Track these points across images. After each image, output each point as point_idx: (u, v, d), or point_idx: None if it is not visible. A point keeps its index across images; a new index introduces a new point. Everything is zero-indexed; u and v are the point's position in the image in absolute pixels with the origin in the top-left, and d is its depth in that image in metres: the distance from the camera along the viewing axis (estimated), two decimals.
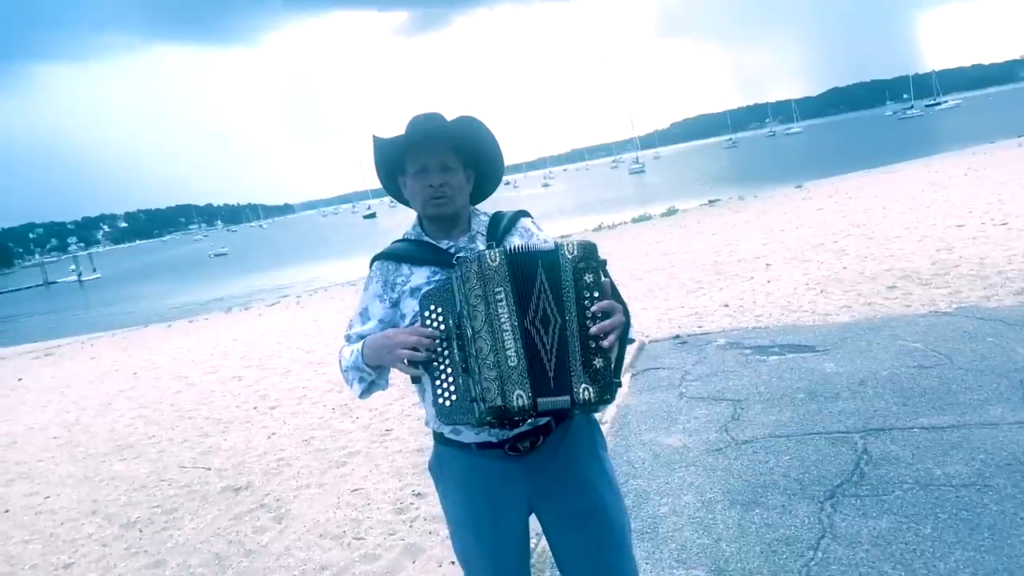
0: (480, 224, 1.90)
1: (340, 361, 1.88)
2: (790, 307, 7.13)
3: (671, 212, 23.88)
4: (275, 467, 5.26)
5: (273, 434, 6.12)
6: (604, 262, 1.64)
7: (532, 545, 2.55)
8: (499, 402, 1.55)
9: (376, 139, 1.83)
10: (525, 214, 1.97)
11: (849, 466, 3.35)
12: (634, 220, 23.71)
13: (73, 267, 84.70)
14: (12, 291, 79.59)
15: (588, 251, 1.62)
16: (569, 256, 1.61)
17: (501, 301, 1.58)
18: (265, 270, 40.56)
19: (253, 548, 3.98)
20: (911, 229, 10.59)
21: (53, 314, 40.42)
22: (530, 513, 1.85)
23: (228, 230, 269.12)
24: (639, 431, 4.31)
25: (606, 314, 1.59)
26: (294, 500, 4.57)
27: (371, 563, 3.58)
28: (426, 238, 1.87)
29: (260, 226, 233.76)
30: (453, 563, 3.42)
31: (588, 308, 1.59)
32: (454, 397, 1.64)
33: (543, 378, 1.57)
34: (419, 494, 4.28)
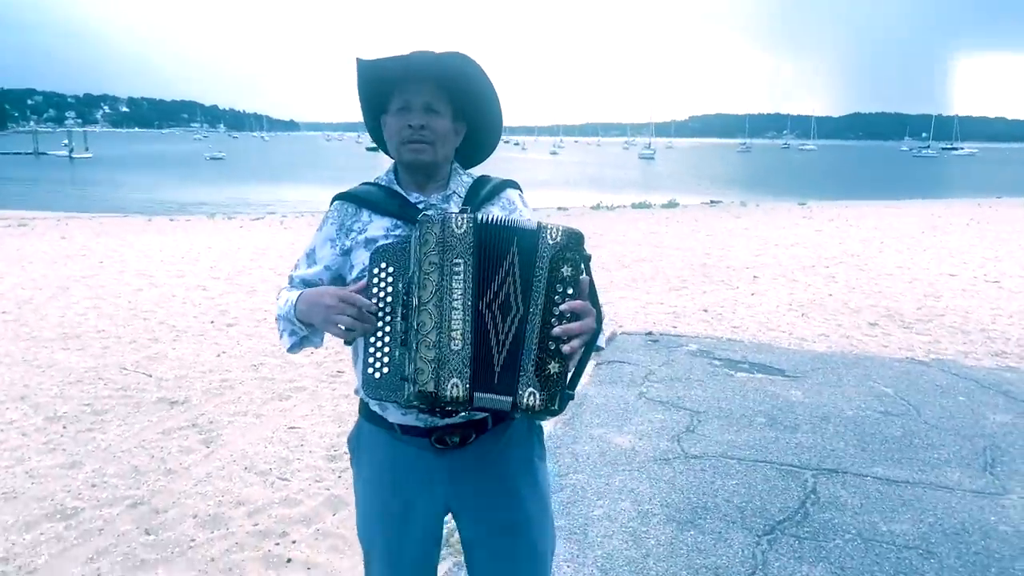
0: (460, 185, 1.68)
1: (276, 304, 1.69)
2: (768, 324, 7.02)
3: (671, 204, 23.67)
4: (217, 387, 5.09)
5: (223, 352, 5.94)
6: (588, 257, 1.43)
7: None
8: (430, 388, 1.37)
9: (359, 61, 1.60)
10: (513, 184, 1.76)
11: (795, 503, 3.24)
12: (634, 205, 23.48)
13: (66, 142, 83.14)
14: (1, 153, 78.05)
15: (573, 240, 1.41)
16: (551, 241, 1.40)
17: (458, 275, 1.38)
18: (257, 183, 39.96)
19: (174, 468, 3.83)
20: (904, 269, 10.49)
21: (36, 185, 39.68)
22: (446, 514, 1.69)
23: (230, 135, 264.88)
24: (590, 424, 4.18)
25: (576, 316, 1.41)
26: (228, 426, 4.41)
27: (290, 507, 3.44)
28: (396, 187, 1.66)
29: (262, 137, 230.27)
30: None
31: (558, 305, 1.40)
32: (386, 370, 1.46)
33: (487, 371, 1.39)
34: None
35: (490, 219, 1.41)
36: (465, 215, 1.40)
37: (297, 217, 19.43)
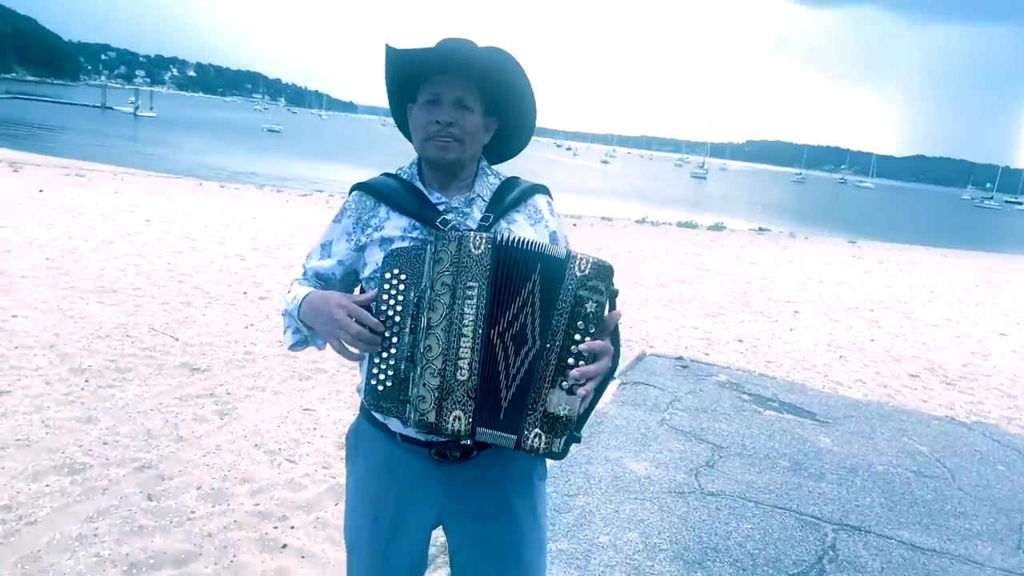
0: (486, 187, 1.59)
1: (285, 297, 1.63)
2: (804, 363, 6.81)
3: (718, 227, 23.30)
4: (240, 359, 5.09)
5: (251, 325, 5.96)
6: (616, 292, 1.34)
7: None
8: (431, 418, 1.29)
9: (390, 49, 1.51)
10: (542, 190, 1.66)
11: (811, 558, 3.09)
12: (679, 224, 23.16)
13: (133, 99, 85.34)
14: (70, 103, 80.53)
15: (602, 273, 1.31)
16: (578, 273, 1.30)
17: (471, 299, 1.29)
18: (310, 159, 40.52)
19: (186, 435, 3.82)
20: (952, 322, 10.12)
21: (98, 137, 40.79)
22: (437, 526, 1.61)
23: (289, 110, 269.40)
24: (607, 445, 4.06)
25: (594, 356, 1.32)
26: (244, 399, 4.40)
27: (293, 491, 3.40)
28: (418, 183, 1.57)
29: (320, 115, 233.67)
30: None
31: (577, 343, 1.30)
32: (389, 384, 1.38)
33: (493, 406, 1.31)
34: None
35: (512, 241, 1.31)
36: (485, 235, 1.31)
37: (344, 197, 19.59)
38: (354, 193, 1.62)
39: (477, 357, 1.29)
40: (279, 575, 2.78)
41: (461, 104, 1.49)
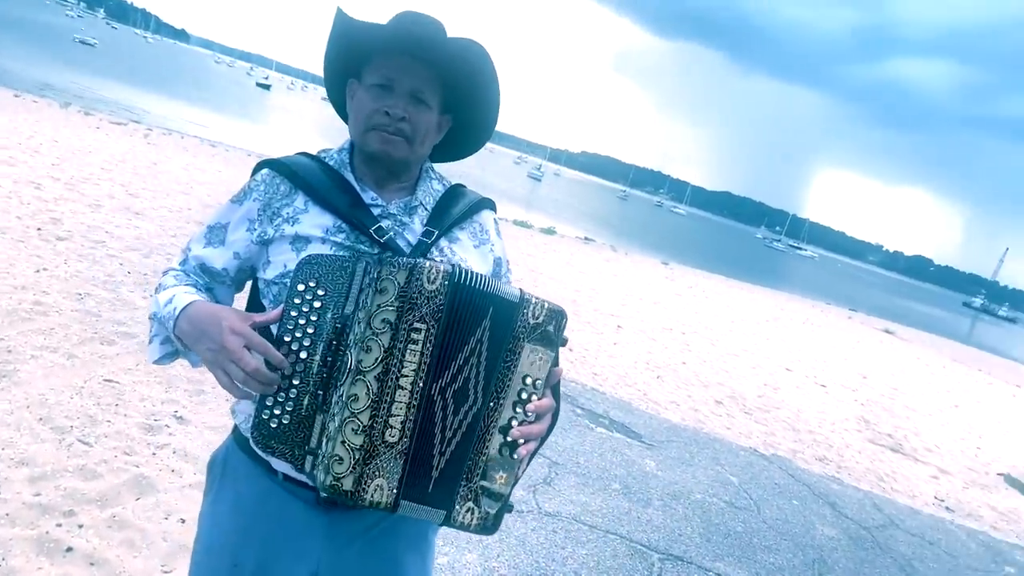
0: (429, 193, 1.36)
1: (155, 293, 1.28)
2: (627, 380, 7.08)
3: (550, 231, 23.98)
4: (27, 310, 4.33)
5: (44, 269, 5.11)
6: (566, 341, 1.17)
7: None
8: (347, 485, 1.04)
9: (341, 15, 1.25)
10: (490, 205, 1.46)
11: None
12: (515, 222, 23.57)
13: None
14: None
15: (556, 321, 1.13)
16: (531, 320, 1.11)
17: (415, 343, 1.05)
18: (129, 84, 36.39)
19: None
20: (749, 352, 11.09)
21: None
22: None
23: (108, 24, 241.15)
24: None
25: (536, 416, 1.15)
26: (30, 360, 3.72)
27: (85, 479, 2.90)
28: (348, 175, 1.31)
29: (145, 37, 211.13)
30: (183, 520, 2.84)
31: (524, 402, 1.13)
32: (286, 420, 1.11)
33: (422, 476, 1.09)
34: (181, 418, 3.61)
35: (469, 278, 1.09)
36: (442, 267, 1.07)
37: (165, 135, 17.74)
38: (264, 171, 1.31)
39: (413, 416, 1.06)
40: None
41: (417, 97, 1.25)
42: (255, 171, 1.33)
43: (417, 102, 1.26)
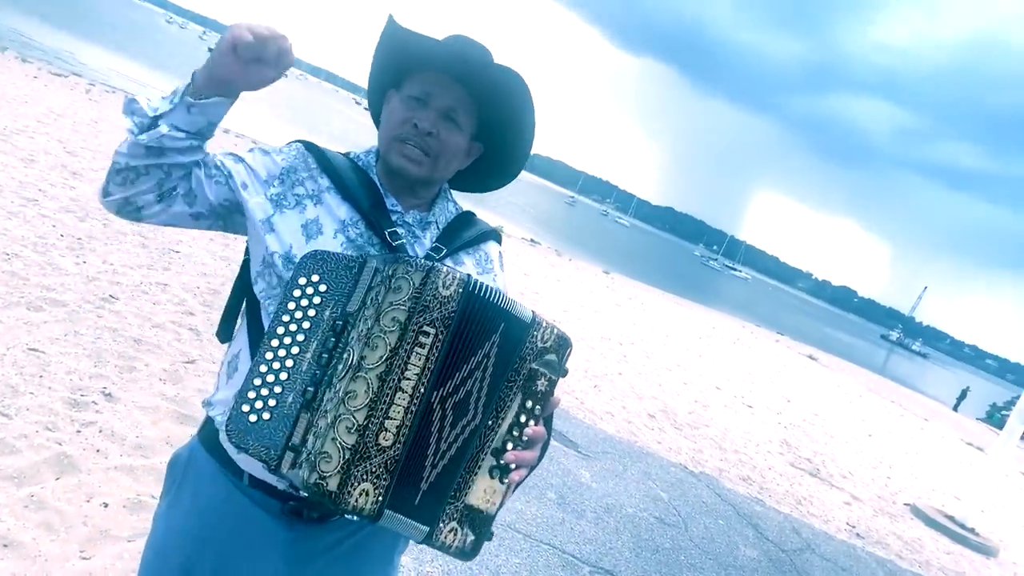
0: (444, 213, 1.36)
1: (128, 113, 1.18)
2: (564, 386, 7.14)
3: (498, 230, 23.99)
4: None
5: None
6: (567, 372, 1.16)
7: None
8: (331, 485, 0.99)
9: (393, 24, 1.23)
10: (497, 237, 1.47)
11: None
12: None
13: None
14: None
15: (562, 348, 1.13)
16: (539, 344, 1.10)
17: (422, 347, 1.02)
18: (68, 31, 34.65)
19: None
20: (681, 368, 11.34)
21: None
22: None
23: None
24: None
25: (531, 443, 1.13)
26: None
27: (1, 454, 2.74)
28: (374, 176, 1.31)
29: None
30: (105, 504, 2.72)
31: (523, 425, 1.11)
32: (267, 416, 1.07)
33: (411, 486, 1.05)
34: (110, 395, 3.45)
35: (484, 289, 1.07)
36: (458, 274, 1.05)
37: (108, 92, 16.98)
38: (297, 144, 1.31)
39: (410, 422, 1.03)
40: None
41: (449, 116, 1.25)
42: (290, 143, 1.33)
43: (448, 120, 1.26)
